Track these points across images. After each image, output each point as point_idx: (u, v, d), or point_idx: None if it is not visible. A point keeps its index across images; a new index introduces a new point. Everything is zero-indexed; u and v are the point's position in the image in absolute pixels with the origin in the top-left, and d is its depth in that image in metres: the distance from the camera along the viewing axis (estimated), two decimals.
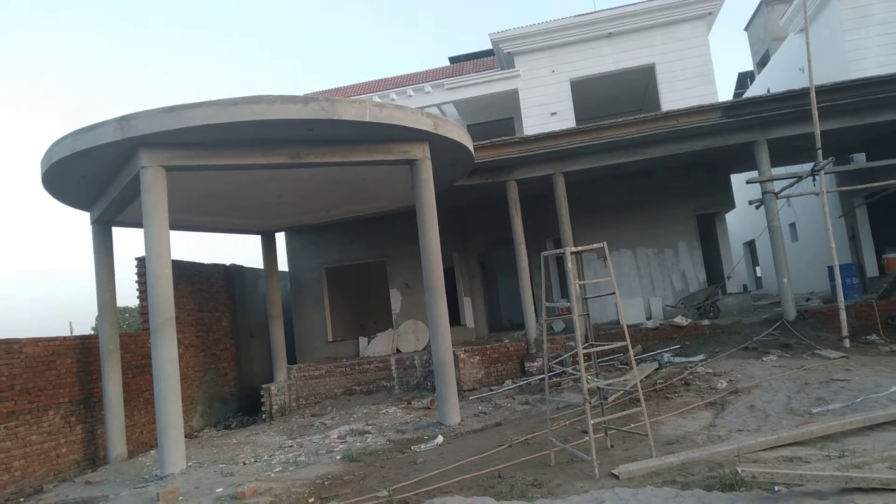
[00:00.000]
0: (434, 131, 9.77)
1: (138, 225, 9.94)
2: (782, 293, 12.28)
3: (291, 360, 15.59)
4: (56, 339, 10.18)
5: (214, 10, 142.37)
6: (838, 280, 11.27)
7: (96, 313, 11.60)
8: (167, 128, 8.22)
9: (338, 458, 8.33)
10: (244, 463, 8.78)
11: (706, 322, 12.97)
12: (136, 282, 12.38)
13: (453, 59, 25.35)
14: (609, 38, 18.90)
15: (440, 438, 8.72)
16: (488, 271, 19.14)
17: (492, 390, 12.28)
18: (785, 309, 12.18)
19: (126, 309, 31.38)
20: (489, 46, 20.69)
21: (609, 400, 8.94)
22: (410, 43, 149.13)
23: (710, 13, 18.54)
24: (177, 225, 12.18)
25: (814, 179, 11.52)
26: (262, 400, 14.01)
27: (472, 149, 11.18)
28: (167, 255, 8.73)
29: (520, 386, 12.22)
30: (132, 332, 12.58)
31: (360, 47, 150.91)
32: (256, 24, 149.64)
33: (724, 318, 13.46)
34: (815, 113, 11.08)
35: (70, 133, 8.69)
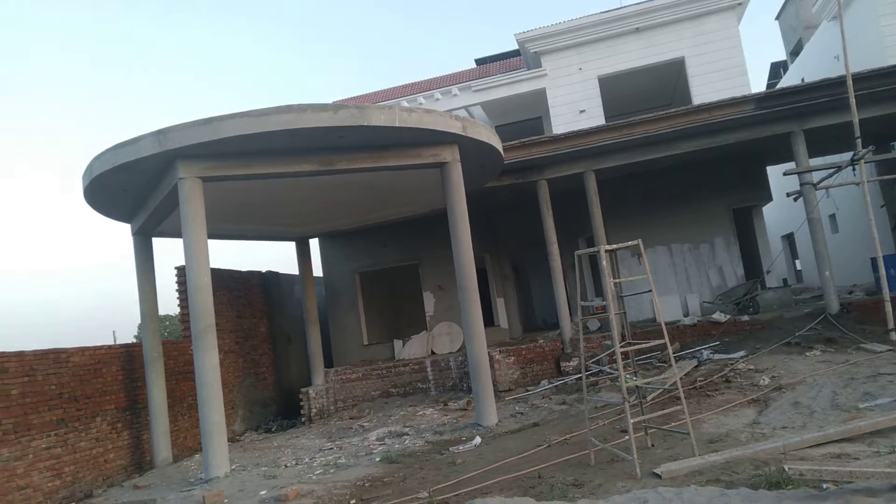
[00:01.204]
0: (463, 134, 9.80)
1: (177, 235, 10.21)
2: (824, 286, 12.00)
3: (328, 363, 15.77)
4: (101, 347, 10.47)
5: (242, 14, 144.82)
6: (882, 271, 10.96)
7: (138, 322, 11.90)
8: (202, 139, 8.42)
9: (377, 459, 8.41)
10: (286, 466, 8.93)
11: (745, 318, 12.74)
12: (177, 290, 12.66)
13: (479, 61, 25.37)
14: (636, 32, 18.70)
15: (478, 439, 8.74)
16: (520, 272, 19.09)
17: (528, 391, 12.25)
18: (827, 302, 11.90)
19: (167, 317, 32.12)
20: (515, 47, 20.67)
21: (648, 399, 8.84)
22: (436, 46, 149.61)
23: (740, 3, 18.22)
24: (214, 234, 12.44)
25: (853, 169, 11.24)
26: (301, 403, 14.20)
27: (501, 150, 11.18)
28: (206, 263, 8.93)
29: (556, 386, 12.17)
30: (174, 340, 12.87)
31: (386, 52, 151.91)
32: (282, 28, 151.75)
33: (764, 313, 13.19)
34: (853, 101, 10.81)
35: (109, 148, 8.95)
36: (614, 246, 6.53)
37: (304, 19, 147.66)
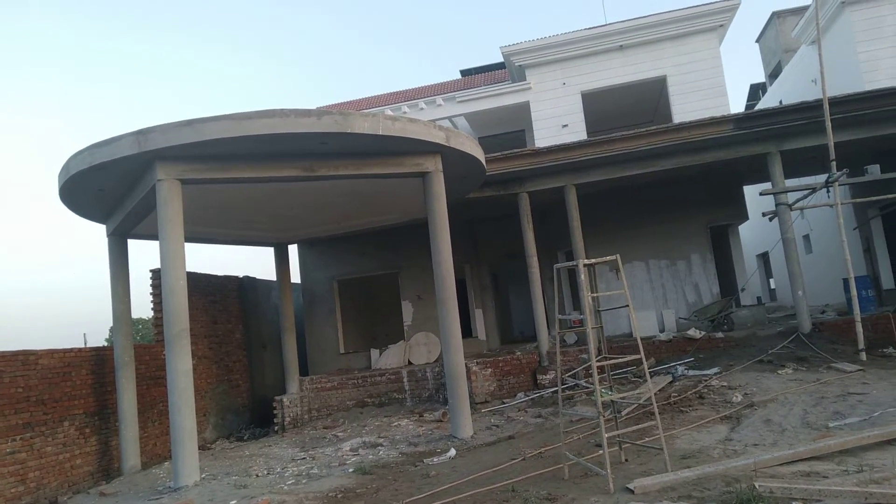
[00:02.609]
0: (446, 144, 9.82)
1: (154, 237, 10.07)
2: (797, 305, 12.18)
3: (304, 371, 15.62)
4: (72, 350, 10.27)
5: (221, 20, 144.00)
6: (854, 292, 11.17)
7: (110, 325, 11.70)
8: (183, 141, 8.33)
9: (350, 470, 8.32)
10: (257, 475, 8.79)
11: (720, 335, 12.88)
12: (151, 293, 12.47)
13: (464, 72, 25.49)
14: (620, 50, 18.94)
15: (453, 451, 8.70)
16: (500, 283, 19.13)
17: (504, 403, 12.23)
18: (800, 321, 12.08)
19: (140, 320, 31.61)
20: (500, 59, 20.79)
21: (623, 413, 8.87)
22: (422, 56, 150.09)
23: (722, 25, 18.55)
24: (191, 237, 12.29)
25: (828, 191, 11.46)
26: (275, 412, 14.03)
27: (483, 161, 11.22)
28: (182, 267, 8.81)
29: (532, 399, 12.18)
30: (146, 344, 12.67)
31: (372, 60, 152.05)
32: (266, 35, 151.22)
33: (739, 330, 13.35)
34: (829, 124, 11.04)
35: (87, 147, 8.81)
36: (593, 260, 6.56)
37: (286, 25, 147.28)
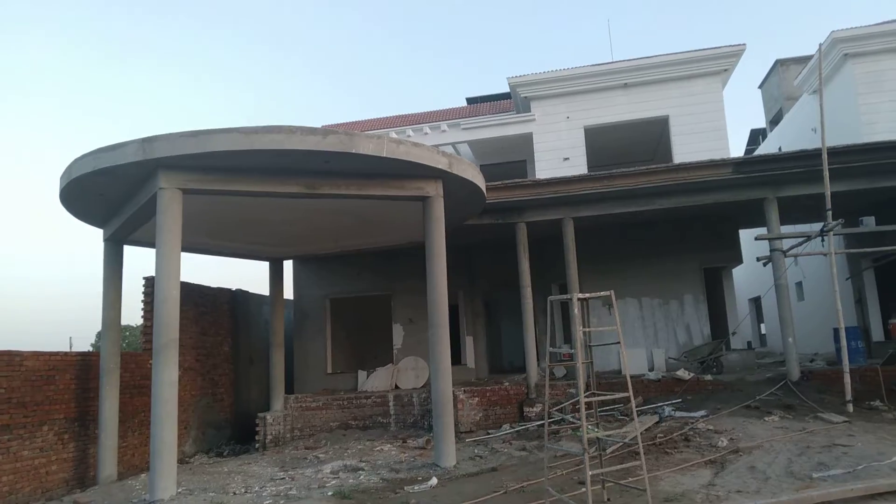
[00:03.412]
0: (448, 170, 9.89)
1: (150, 245, 10.06)
2: (787, 353, 12.19)
3: (289, 389, 15.47)
4: (57, 354, 10.19)
5: (239, 39, 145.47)
6: (843, 343, 11.17)
7: (98, 330, 11.64)
8: (188, 151, 8.37)
9: (329, 493, 8.21)
10: (234, 493, 8.67)
11: (709, 377, 12.86)
12: (143, 301, 12.42)
13: (471, 100, 25.76)
14: (625, 88, 19.19)
15: (434, 480, 8.60)
16: (492, 311, 19.10)
17: (489, 433, 12.14)
18: (789, 369, 12.07)
19: (128, 327, 31.35)
20: (507, 89, 21.02)
21: (608, 451, 8.81)
22: (430, 81, 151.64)
23: (726, 70, 18.84)
24: (187, 247, 12.25)
25: (822, 240, 11.53)
26: (257, 429, 13.86)
27: (484, 189, 11.29)
28: (176, 277, 8.79)
29: (518, 431, 12.09)
30: (133, 352, 12.58)
31: (383, 82, 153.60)
32: (281, 52, 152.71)
33: (728, 374, 13.33)
34: (826, 174, 11.14)
35: (92, 151, 8.84)
36: (587, 295, 6.57)
37: (300, 42, 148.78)
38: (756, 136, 28.66)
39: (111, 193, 9.72)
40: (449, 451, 9.65)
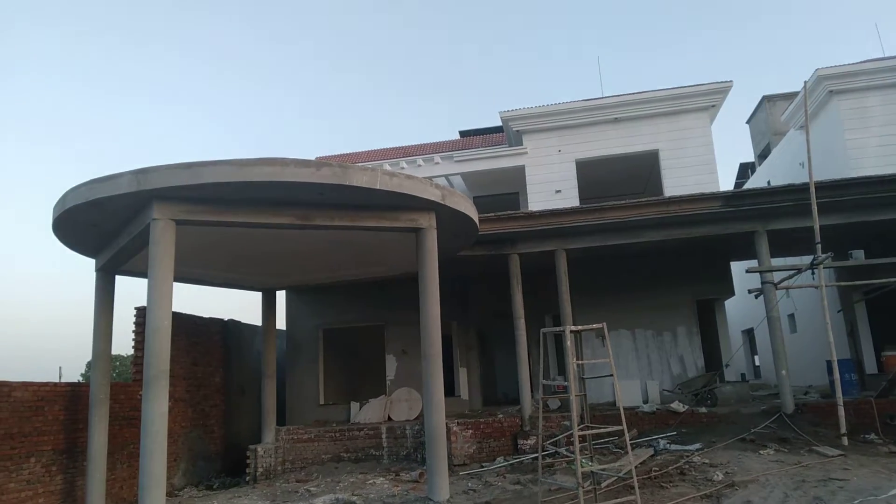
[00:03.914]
0: (441, 202, 9.96)
1: (142, 275, 10.03)
2: (781, 385, 12.18)
3: (281, 421, 15.30)
4: (47, 384, 10.08)
5: (233, 69, 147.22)
6: (836, 376, 11.20)
7: (88, 360, 11.53)
8: (182, 183, 8.40)
9: None
10: None
11: (703, 409, 12.81)
12: (134, 331, 12.32)
13: (463, 133, 26.03)
14: (615, 122, 19.47)
15: None
16: (486, 343, 19.03)
17: (483, 467, 12.01)
18: (783, 401, 12.06)
19: (118, 357, 31.03)
20: (499, 123, 21.28)
21: (602, 485, 8.74)
22: (423, 114, 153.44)
23: (714, 105, 19.17)
24: (179, 277, 12.22)
25: (813, 273, 11.63)
26: (248, 461, 13.65)
27: (477, 221, 11.37)
28: (168, 307, 8.75)
29: (512, 464, 11.96)
30: (123, 382, 12.44)
31: (375, 115, 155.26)
32: (274, 84, 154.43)
33: (722, 406, 13.29)
34: (815, 208, 11.30)
35: (86, 182, 8.87)
36: (580, 327, 6.61)
37: (292, 77, 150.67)
38: (745, 170, 29.03)
39: (104, 224, 9.72)
40: (442, 484, 9.52)
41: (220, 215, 9.10)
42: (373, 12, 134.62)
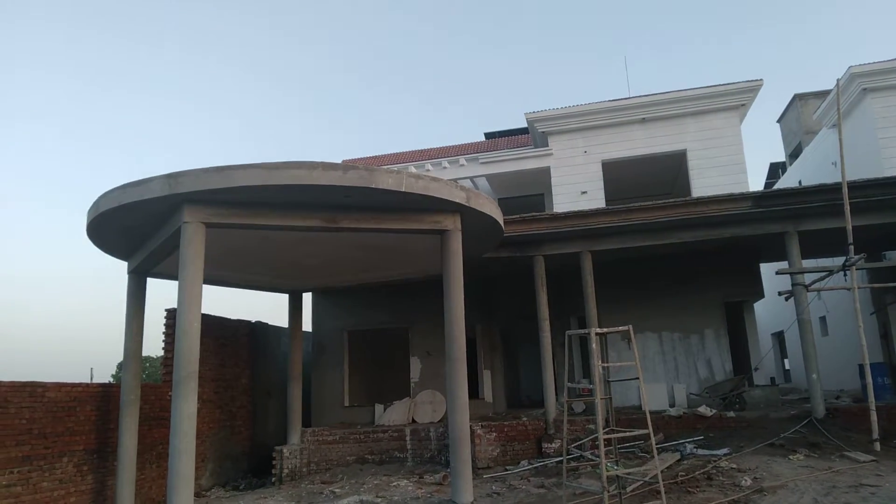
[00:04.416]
0: (466, 204, 9.98)
1: (173, 277, 10.22)
2: (811, 389, 11.95)
3: (306, 422, 15.44)
4: (79, 385, 10.30)
5: (261, 74, 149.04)
6: (869, 379, 10.95)
7: (119, 360, 11.77)
8: (212, 186, 8.55)
9: None
10: None
11: (731, 414, 12.61)
12: (164, 333, 12.55)
13: (488, 135, 26.03)
14: (642, 123, 19.31)
15: None
16: (510, 345, 18.98)
17: (507, 470, 11.98)
18: (814, 406, 11.82)
19: (147, 358, 31.65)
20: (524, 124, 21.24)
21: (628, 489, 8.65)
22: (449, 117, 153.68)
23: (744, 104, 18.90)
24: (209, 279, 12.40)
25: (845, 274, 11.39)
26: (274, 462, 13.80)
27: (502, 222, 11.36)
28: (198, 309, 8.90)
29: (536, 467, 11.91)
30: (153, 383, 12.66)
31: (400, 117, 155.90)
32: (300, 87, 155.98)
33: (751, 410, 13.07)
34: (847, 208, 11.06)
35: (118, 186, 9.08)
36: (605, 329, 6.57)
37: (318, 79, 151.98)
38: (775, 170, 28.55)
39: (136, 227, 9.94)
40: (466, 487, 9.52)
41: (249, 218, 9.23)
42: (397, 14, 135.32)
